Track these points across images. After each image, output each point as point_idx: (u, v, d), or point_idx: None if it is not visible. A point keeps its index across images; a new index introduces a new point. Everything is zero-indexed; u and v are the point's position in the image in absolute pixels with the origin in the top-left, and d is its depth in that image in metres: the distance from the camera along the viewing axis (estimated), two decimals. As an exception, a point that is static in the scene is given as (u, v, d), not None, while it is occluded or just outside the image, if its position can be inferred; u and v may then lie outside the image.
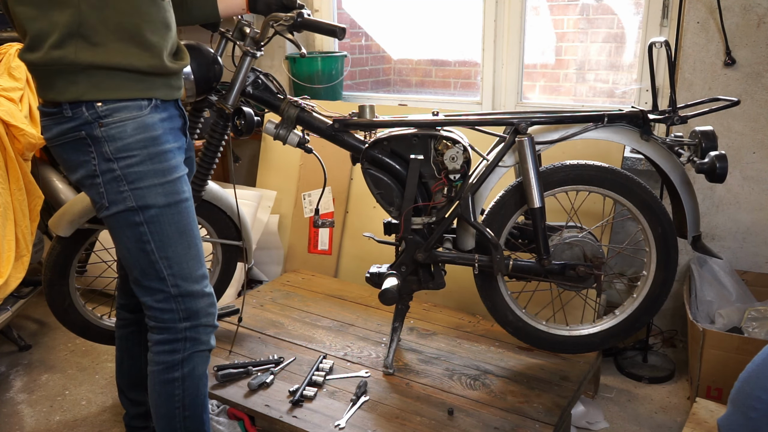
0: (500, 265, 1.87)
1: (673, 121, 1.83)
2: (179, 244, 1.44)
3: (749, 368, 1.37)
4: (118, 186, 1.36)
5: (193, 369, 1.51)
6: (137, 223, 1.39)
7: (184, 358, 1.50)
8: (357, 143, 1.92)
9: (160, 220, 1.41)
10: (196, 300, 1.49)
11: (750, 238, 2.34)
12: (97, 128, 1.32)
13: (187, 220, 1.46)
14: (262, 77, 1.89)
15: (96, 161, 1.34)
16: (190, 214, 1.47)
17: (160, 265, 1.43)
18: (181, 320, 1.48)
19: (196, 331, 1.50)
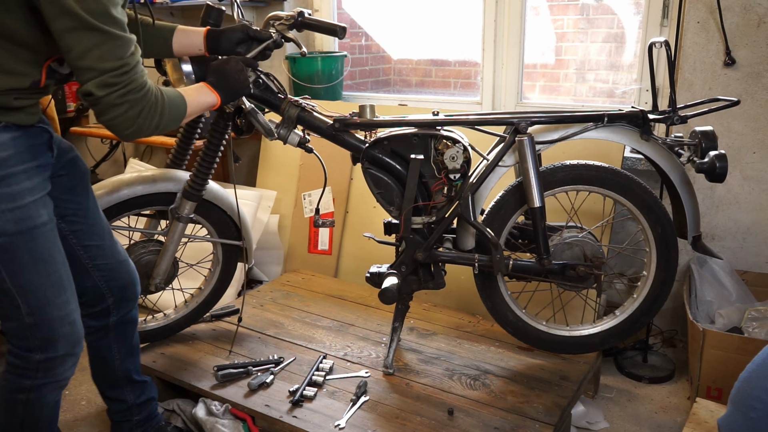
0: (500, 264, 1.87)
1: (672, 121, 1.83)
2: (35, 273, 1.36)
3: (749, 368, 1.37)
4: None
5: (39, 397, 1.47)
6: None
7: (32, 386, 1.45)
8: (357, 143, 1.92)
9: (11, 249, 1.32)
10: (53, 329, 1.42)
11: (750, 238, 2.34)
12: None
13: (45, 246, 1.37)
14: (262, 77, 1.89)
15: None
16: (47, 240, 1.38)
17: (14, 293, 1.36)
18: (35, 350, 1.42)
19: (52, 362, 1.44)
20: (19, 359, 1.43)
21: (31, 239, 1.34)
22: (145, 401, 1.81)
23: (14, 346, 1.43)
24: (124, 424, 1.80)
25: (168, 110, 1.35)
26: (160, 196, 1.96)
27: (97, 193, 1.90)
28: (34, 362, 1.43)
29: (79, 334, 1.48)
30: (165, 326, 2.16)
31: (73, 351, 1.47)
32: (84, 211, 1.57)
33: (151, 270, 2.00)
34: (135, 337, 1.77)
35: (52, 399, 1.51)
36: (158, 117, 1.33)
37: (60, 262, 1.42)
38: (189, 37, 1.70)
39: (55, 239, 1.41)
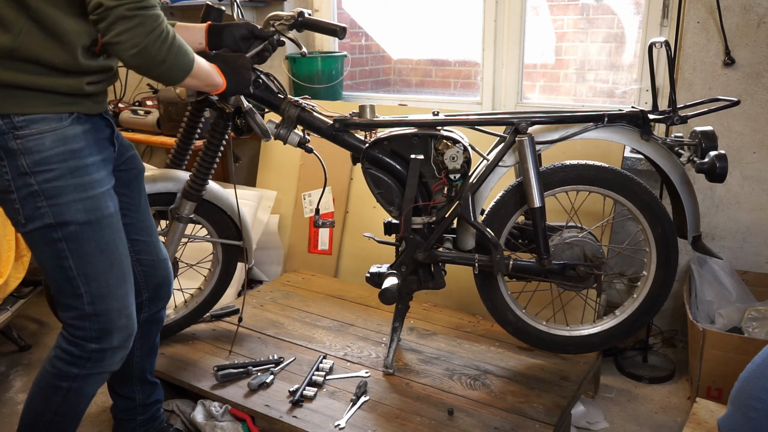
0: (500, 264, 1.87)
1: (673, 121, 1.83)
2: (100, 262, 1.40)
3: (749, 368, 1.37)
4: (35, 202, 1.31)
5: (82, 386, 1.49)
6: (55, 239, 1.35)
7: (79, 375, 1.47)
8: (357, 143, 1.92)
9: (80, 237, 1.36)
10: (112, 320, 1.45)
11: (750, 238, 2.34)
12: (12, 140, 1.27)
13: (111, 236, 1.41)
14: (262, 77, 1.89)
15: (9, 175, 1.29)
16: (114, 231, 1.42)
17: (77, 282, 1.39)
18: (91, 340, 1.44)
19: (104, 353, 1.46)
20: (74, 347, 1.44)
21: (99, 229, 1.38)
22: (152, 402, 1.81)
23: (70, 335, 1.44)
24: (128, 423, 1.80)
25: (177, 49, 1.29)
26: (159, 196, 1.96)
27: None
28: (87, 351, 1.45)
29: (133, 327, 1.50)
30: (165, 326, 2.15)
31: (126, 344, 1.49)
32: (136, 206, 1.61)
33: (151, 270, 2.00)
34: (157, 337, 1.78)
35: (93, 390, 1.52)
36: (167, 49, 1.26)
37: (123, 254, 1.45)
38: (190, 32, 1.71)
39: (120, 231, 1.45)
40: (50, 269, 1.38)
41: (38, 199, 1.31)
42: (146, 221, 1.65)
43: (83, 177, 1.34)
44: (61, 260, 1.37)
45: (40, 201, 1.31)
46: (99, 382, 1.52)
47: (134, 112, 2.99)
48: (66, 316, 1.43)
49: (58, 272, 1.38)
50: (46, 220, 1.32)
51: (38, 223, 1.33)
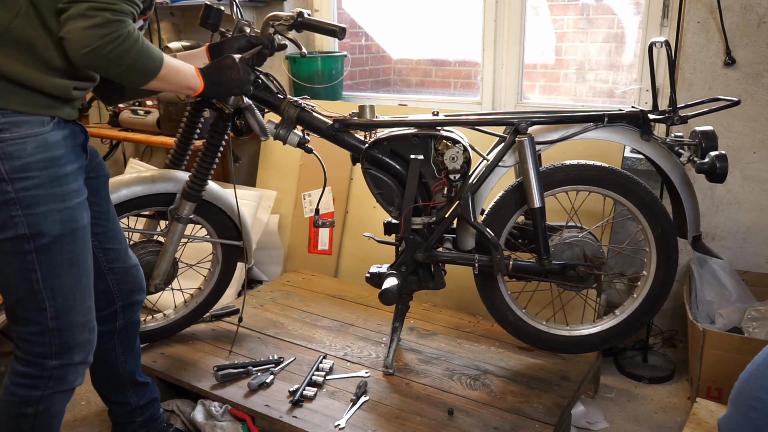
0: (500, 265, 1.87)
1: (673, 121, 1.83)
2: (68, 275, 1.34)
3: (749, 368, 1.37)
4: (9, 210, 1.24)
5: (48, 407, 1.42)
6: (25, 251, 1.28)
7: (42, 396, 1.40)
8: (357, 143, 1.92)
9: (52, 250, 1.30)
10: (74, 335, 1.39)
11: (750, 238, 2.34)
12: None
13: (82, 249, 1.36)
14: (262, 77, 1.89)
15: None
16: (85, 243, 1.37)
17: (43, 296, 1.32)
18: (52, 356, 1.38)
19: (65, 370, 1.41)
20: (31, 367, 1.38)
21: (72, 241, 1.33)
22: (148, 402, 1.80)
23: (26, 353, 1.38)
24: (127, 426, 1.79)
25: (138, 53, 1.24)
26: (159, 197, 1.96)
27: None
28: (47, 369, 1.39)
29: (94, 342, 1.46)
30: (165, 326, 2.16)
31: (87, 359, 1.45)
32: (106, 214, 1.57)
33: (151, 270, 2.00)
34: (137, 338, 1.77)
35: (61, 408, 1.47)
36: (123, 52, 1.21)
37: (90, 267, 1.40)
38: (193, 58, 1.73)
39: (89, 243, 1.40)
40: (13, 281, 1.31)
41: (13, 208, 1.25)
42: (116, 229, 1.61)
43: (62, 186, 1.29)
44: (29, 273, 1.30)
45: (15, 210, 1.25)
46: (65, 399, 1.47)
47: (134, 112, 2.99)
48: (23, 331, 1.36)
49: (21, 285, 1.31)
50: (19, 230, 1.26)
51: (10, 233, 1.26)
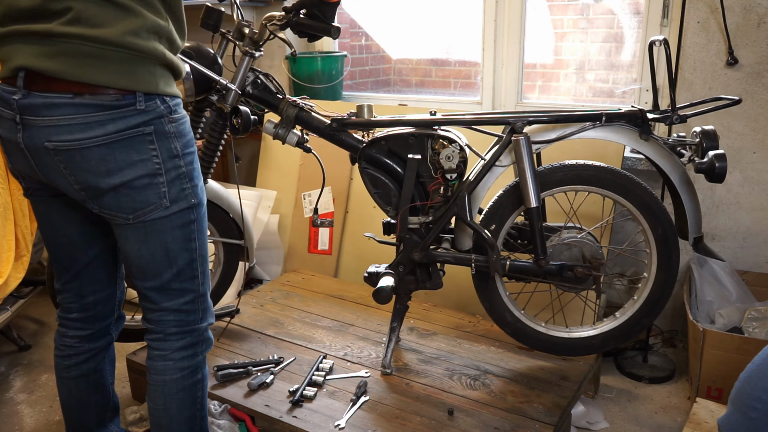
0: (497, 265, 1.87)
1: (672, 120, 1.82)
2: (205, 243, 1.45)
3: (749, 368, 1.37)
4: (181, 183, 1.33)
5: (205, 370, 1.51)
6: (191, 221, 1.37)
7: (203, 359, 1.49)
8: (355, 143, 1.92)
9: (202, 218, 1.42)
10: (208, 297, 1.49)
11: (750, 238, 2.34)
12: (168, 123, 1.29)
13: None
14: (261, 77, 1.90)
15: (159, 158, 1.29)
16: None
17: (197, 264, 1.41)
18: (200, 321, 1.46)
19: (207, 333, 1.49)
20: (189, 335, 1.44)
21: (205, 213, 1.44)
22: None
23: (181, 324, 1.43)
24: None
25: None
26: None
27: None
28: (200, 333, 1.46)
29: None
30: (165, 326, 2.16)
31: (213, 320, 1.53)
32: None
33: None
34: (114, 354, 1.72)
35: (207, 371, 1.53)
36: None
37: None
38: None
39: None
40: (174, 253, 1.37)
41: (184, 181, 1.34)
42: None
43: (197, 162, 1.40)
44: (190, 242, 1.38)
45: (186, 182, 1.34)
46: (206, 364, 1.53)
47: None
48: (178, 303, 1.42)
49: (183, 255, 1.38)
50: (190, 200, 1.36)
51: (183, 204, 1.35)
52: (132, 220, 1.32)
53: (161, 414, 1.46)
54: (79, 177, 1.26)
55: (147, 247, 1.35)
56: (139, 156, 1.26)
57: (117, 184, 1.27)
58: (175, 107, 1.31)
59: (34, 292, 2.55)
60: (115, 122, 1.22)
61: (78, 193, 1.30)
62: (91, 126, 1.21)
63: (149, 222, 1.32)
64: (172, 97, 1.31)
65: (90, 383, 1.63)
